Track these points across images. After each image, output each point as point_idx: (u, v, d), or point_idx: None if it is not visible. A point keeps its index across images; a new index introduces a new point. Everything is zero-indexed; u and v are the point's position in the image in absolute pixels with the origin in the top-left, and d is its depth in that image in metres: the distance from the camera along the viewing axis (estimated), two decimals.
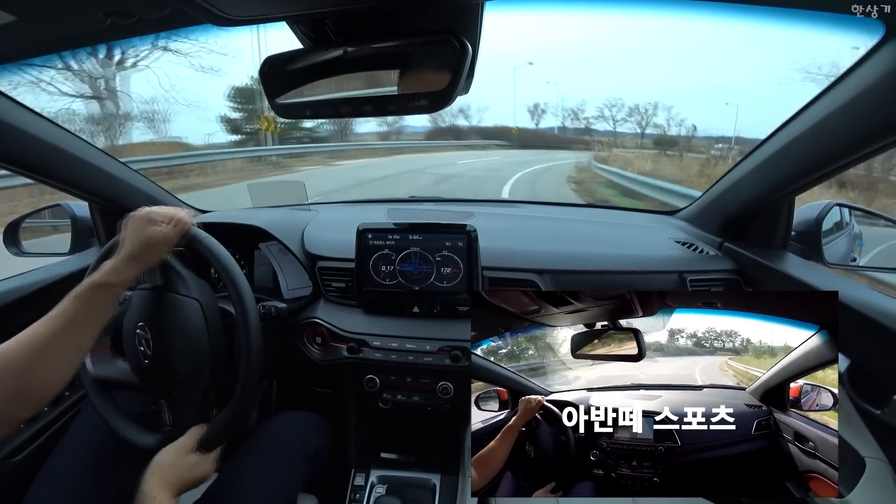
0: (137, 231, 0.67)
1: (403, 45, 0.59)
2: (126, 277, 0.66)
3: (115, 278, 0.65)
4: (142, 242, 0.67)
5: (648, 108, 37.83)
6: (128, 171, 1.14)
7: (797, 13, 0.61)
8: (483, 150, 22.49)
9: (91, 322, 0.64)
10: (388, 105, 0.61)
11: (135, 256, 0.66)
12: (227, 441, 0.74)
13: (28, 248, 1.18)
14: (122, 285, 0.66)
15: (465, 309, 1.01)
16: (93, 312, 0.63)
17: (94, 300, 0.63)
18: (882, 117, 0.63)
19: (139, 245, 0.67)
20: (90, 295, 0.63)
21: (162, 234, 0.69)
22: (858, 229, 1.17)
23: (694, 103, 58.90)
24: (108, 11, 0.56)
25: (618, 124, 38.81)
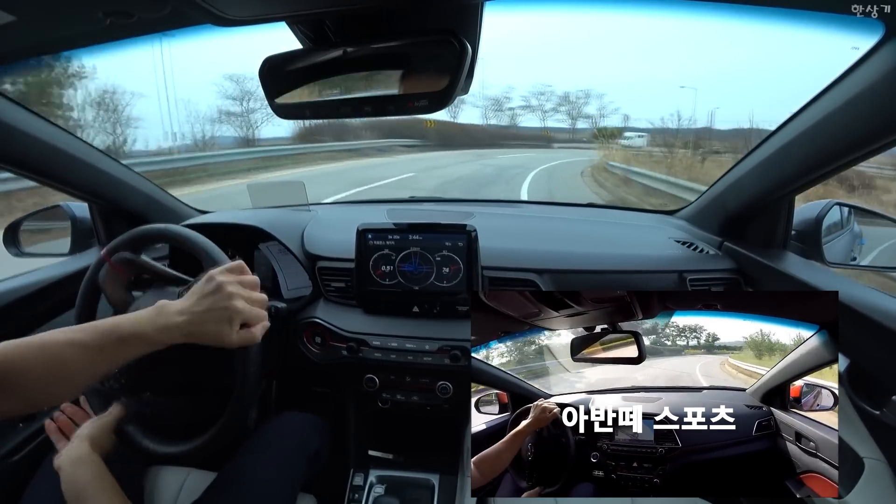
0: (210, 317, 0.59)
1: (403, 46, 0.59)
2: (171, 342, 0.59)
3: (164, 338, 0.58)
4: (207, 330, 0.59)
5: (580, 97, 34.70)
6: (128, 171, 1.14)
7: (797, 13, 0.61)
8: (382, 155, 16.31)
9: (120, 362, 0.57)
10: (387, 105, 0.61)
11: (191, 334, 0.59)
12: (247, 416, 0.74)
13: (28, 249, 1.18)
14: (162, 344, 0.58)
15: (465, 309, 1.01)
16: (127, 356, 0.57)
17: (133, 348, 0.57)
18: (882, 117, 0.63)
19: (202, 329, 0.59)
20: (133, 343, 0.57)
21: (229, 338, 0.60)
22: (858, 228, 1.16)
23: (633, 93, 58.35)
24: (108, 11, 0.56)
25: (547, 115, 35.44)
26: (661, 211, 1.46)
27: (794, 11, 0.60)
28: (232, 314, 0.60)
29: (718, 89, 44.21)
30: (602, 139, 25.79)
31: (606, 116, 33.87)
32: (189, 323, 0.58)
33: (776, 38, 21.36)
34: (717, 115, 30.55)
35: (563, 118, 35.67)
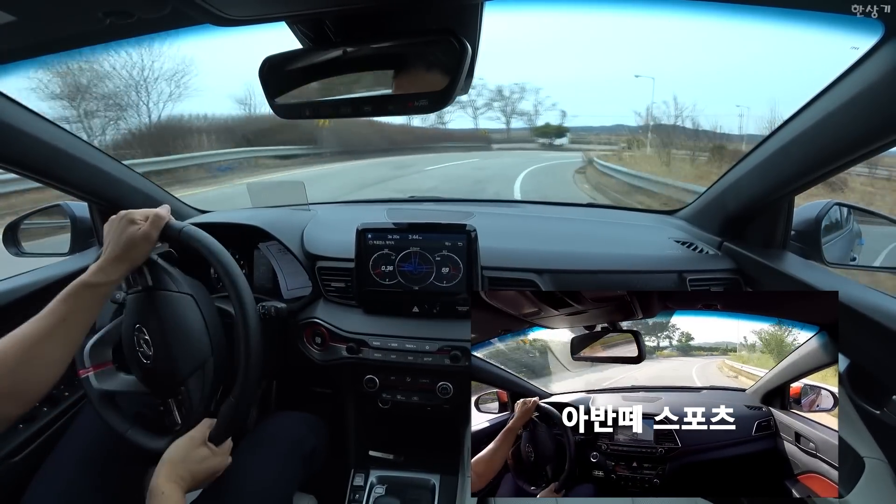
0: (118, 232, 0.70)
1: (403, 46, 0.59)
2: (112, 277, 0.68)
3: (101, 278, 0.67)
4: (123, 242, 0.69)
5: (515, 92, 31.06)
6: (127, 171, 1.14)
7: (797, 13, 0.61)
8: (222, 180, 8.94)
9: (80, 322, 0.65)
10: (387, 105, 0.61)
11: (118, 256, 0.68)
12: (233, 432, 0.74)
13: (28, 249, 1.18)
14: (108, 285, 0.68)
15: (465, 309, 1.01)
16: (81, 312, 0.65)
17: (81, 300, 0.65)
18: (882, 117, 0.63)
19: (121, 245, 0.69)
20: (78, 295, 0.65)
21: (141, 231, 0.70)
22: (858, 228, 1.16)
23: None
24: (108, 11, 0.56)
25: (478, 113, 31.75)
26: (661, 211, 1.46)
27: (794, 11, 0.60)
28: (128, 217, 0.71)
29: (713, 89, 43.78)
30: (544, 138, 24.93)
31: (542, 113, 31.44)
32: (109, 251, 0.69)
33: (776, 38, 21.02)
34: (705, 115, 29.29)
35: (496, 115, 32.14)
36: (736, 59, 28.81)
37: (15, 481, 0.85)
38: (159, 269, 0.77)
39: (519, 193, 8.36)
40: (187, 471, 0.66)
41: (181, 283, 0.77)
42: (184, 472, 0.65)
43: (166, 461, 0.66)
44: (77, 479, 0.79)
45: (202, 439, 0.70)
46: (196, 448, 0.69)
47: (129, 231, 0.70)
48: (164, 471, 0.64)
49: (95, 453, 0.82)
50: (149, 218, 0.72)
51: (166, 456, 0.67)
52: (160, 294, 0.76)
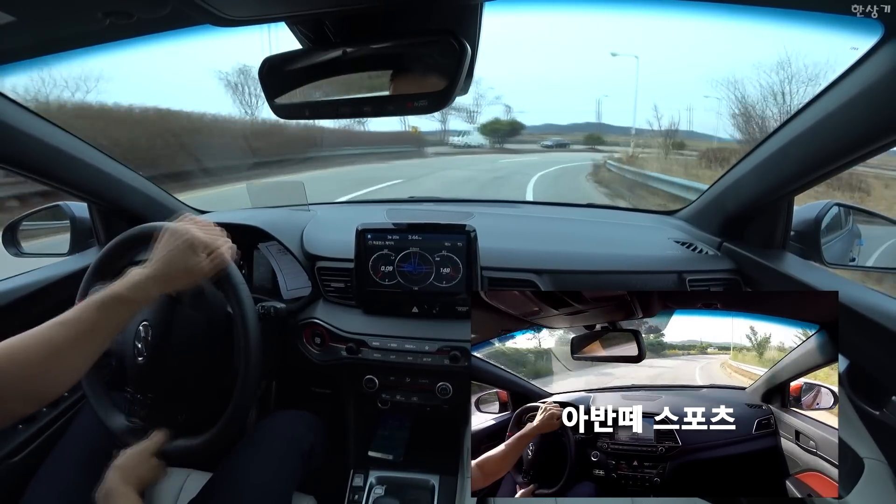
0: (174, 254, 0.65)
1: (402, 46, 0.59)
2: (150, 296, 0.65)
3: (139, 295, 0.63)
4: (176, 268, 0.65)
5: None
6: (127, 171, 1.14)
7: (797, 13, 0.61)
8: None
9: (107, 332, 0.62)
10: (387, 105, 0.61)
11: (164, 279, 0.64)
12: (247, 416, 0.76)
13: (27, 249, 1.18)
14: (143, 301, 0.64)
15: (465, 309, 1.01)
16: (111, 323, 0.62)
17: (114, 312, 0.61)
18: (881, 117, 0.63)
19: (173, 269, 0.65)
20: (112, 307, 0.61)
21: (199, 266, 0.67)
22: (857, 229, 1.16)
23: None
24: (108, 11, 0.56)
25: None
26: (661, 211, 1.47)
27: (794, 11, 0.61)
28: (192, 242, 0.66)
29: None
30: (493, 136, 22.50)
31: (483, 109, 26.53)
32: (157, 270, 0.64)
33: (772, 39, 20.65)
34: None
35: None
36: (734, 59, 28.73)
37: (15, 481, 0.85)
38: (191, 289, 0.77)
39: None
40: (137, 476, 0.69)
41: (201, 304, 0.79)
42: (133, 479, 0.69)
43: (120, 467, 0.69)
44: (77, 479, 0.79)
45: (152, 451, 0.72)
46: (147, 458, 0.72)
47: (186, 259, 0.66)
48: (118, 475, 0.68)
49: (95, 454, 0.82)
50: (212, 254, 0.69)
51: (120, 462, 0.70)
52: (180, 308, 0.77)
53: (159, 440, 0.73)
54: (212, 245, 0.69)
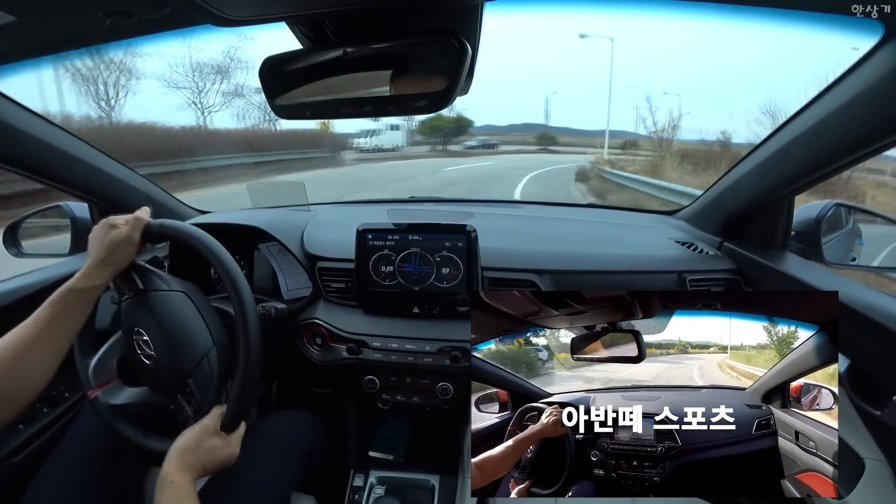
0: (100, 236, 0.71)
1: (403, 46, 0.59)
2: (97, 282, 0.69)
3: (85, 283, 0.67)
4: (105, 246, 0.70)
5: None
6: (127, 171, 1.14)
7: (797, 14, 0.61)
8: None
9: (66, 327, 0.66)
10: (387, 105, 0.61)
11: (102, 260, 0.69)
12: (244, 418, 0.74)
13: (28, 249, 1.18)
14: (93, 289, 0.69)
15: (465, 309, 1.01)
16: (67, 318, 0.66)
17: (67, 305, 0.66)
18: (882, 117, 0.63)
19: (104, 249, 0.70)
20: (63, 300, 0.66)
21: (123, 234, 0.71)
22: (858, 229, 1.16)
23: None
24: (108, 11, 0.56)
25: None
26: (661, 211, 1.46)
27: (794, 11, 0.61)
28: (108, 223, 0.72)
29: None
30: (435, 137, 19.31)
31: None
32: (92, 256, 0.70)
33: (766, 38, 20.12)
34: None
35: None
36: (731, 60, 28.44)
37: (15, 481, 0.85)
38: (147, 272, 0.77)
39: None
40: (198, 459, 0.64)
41: (172, 283, 0.78)
42: (194, 461, 0.63)
43: (177, 450, 0.63)
44: (77, 479, 0.79)
45: (214, 428, 0.68)
46: (208, 437, 0.67)
47: (110, 235, 0.71)
48: (174, 459, 0.62)
49: (95, 453, 0.82)
50: (129, 221, 0.73)
51: (177, 445, 0.64)
52: (152, 295, 0.76)
53: (218, 415, 0.70)
54: (127, 217, 0.74)
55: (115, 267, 0.71)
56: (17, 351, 0.61)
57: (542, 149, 22.28)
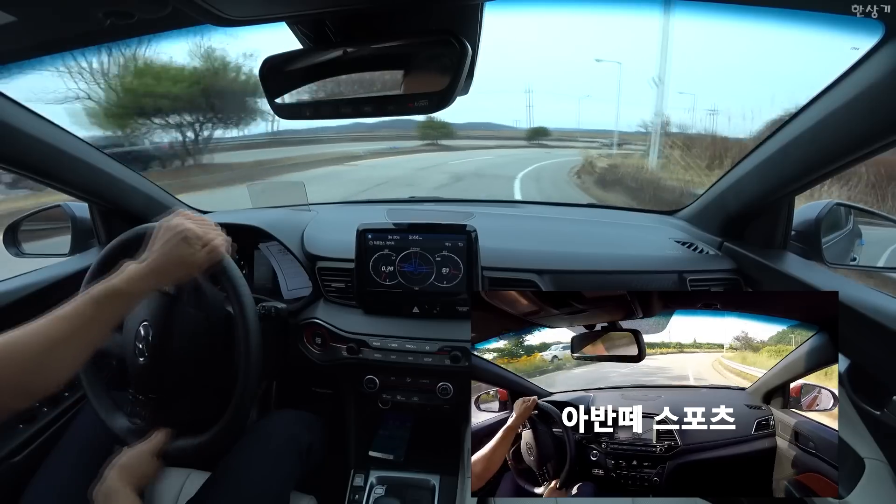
0: (170, 247, 0.66)
1: (403, 46, 0.59)
2: (146, 289, 0.65)
3: (135, 287, 0.63)
4: (171, 261, 0.66)
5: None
6: (128, 171, 1.14)
7: (797, 13, 0.61)
8: None
9: (103, 325, 0.62)
10: (387, 105, 0.61)
11: (160, 272, 0.65)
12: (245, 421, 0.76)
13: (28, 249, 1.18)
14: (140, 294, 0.65)
15: (465, 309, 1.01)
16: (107, 317, 0.62)
17: (109, 305, 0.62)
18: (882, 117, 0.63)
19: (168, 262, 0.65)
20: (107, 300, 0.61)
21: (194, 258, 0.67)
22: (858, 229, 1.16)
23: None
24: (108, 11, 0.56)
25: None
26: (661, 211, 1.46)
27: (794, 11, 0.61)
28: (186, 235, 0.67)
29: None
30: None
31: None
32: (152, 263, 0.65)
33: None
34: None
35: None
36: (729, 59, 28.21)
37: (15, 481, 0.85)
38: (189, 284, 0.78)
39: None
40: (136, 476, 0.69)
41: (201, 302, 0.78)
42: (132, 478, 0.69)
43: (119, 466, 0.69)
44: (77, 479, 0.79)
45: (153, 451, 0.72)
46: (148, 459, 0.72)
47: (181, 252, 0.66)
48: (117, 474, 0.67)
49: (95, 453, 0.82)
50: (207, 246, 0.69)
51: (120, 462, 0.69)
52: (179, 306, 0.77)
53: (160, 440, 0.73)
54: (206, 238, 0.70)
55: (170, 281, 0.69)
56: (51, 343, 0.57)
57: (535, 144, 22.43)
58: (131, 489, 0.67)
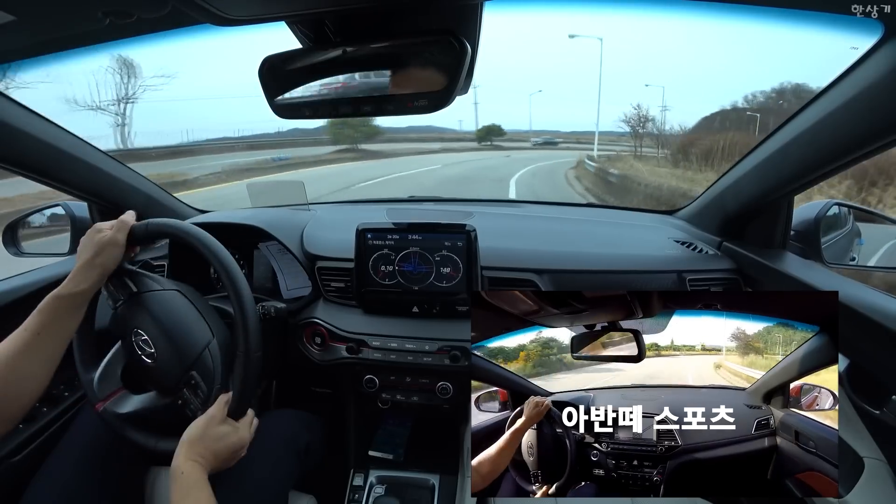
0: (86, 242, 0.71)
1: (403, 45, 0.59)
2: (83, 286, 0.68)
3: (71, 287, 0.68)
4: (91, 249, 0.70)
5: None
6: (127, 171, 1.14)
7: (797, 13, 0.61)
8: None
9: (55, 334, 0.66)
10: (387, 105, 0.61)
11: (87, 263, 0.70)
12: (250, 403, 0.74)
13: (27, 249, 1.18)
14: (80, 294, 0.68)
15: (465, 309, 1.01)
16: (56, 324, 0.66)
17: (55, 312, 0.66)
18: (881, 117, 0.63)
19: (89, 252, 0.70)
20: (51, 307, 0.66)
21: (106, 237, 0.71)
22: (857, 228, 1.16)
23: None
24: (108, 11, 0.56)
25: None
26: (661, 211, 1.47)
27: (794, 11, 0.61)
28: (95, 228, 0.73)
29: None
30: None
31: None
32: (78, 262, 0.70)
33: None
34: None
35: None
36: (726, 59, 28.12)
37: (15, 481, 0.85)
38: (138, 275, 0.79)
39: None
40: (207, 449, 0.64)
41: (164, 283, 0.79)
42: (203, 451, 0.63)
43: (185, 441, 0.64)
44: (77, 479, 0.79)
45: (220, 416, 0.68)
46: (215, 426, 0.66)
47: (95, 239, 0.71)
48: (182, 451, 0.63)
49: (95, 453, 0.82)
50: (114, 225, 0.74)
51: (185, 436, 0.65)
52: (146, 296, 0.77)
53: (225, 402, 0.70)
54: (112, 222, 0.74)
55: (102, 270, 0.71)
56: (8, 360, 0.61)
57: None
58: (197, 466, 0.62)
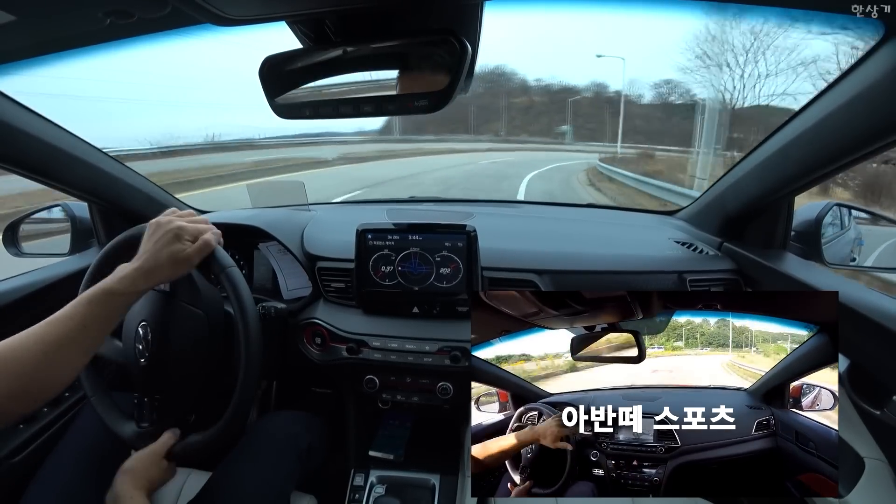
0: (161, 245, 0.66)
1: (403, 45, 0.59)
2: (139, 288, 0.65)
3: (128, 287, 0.63)
4: (163, 258, 0.65)
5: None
6: (127, 171, 1.14)
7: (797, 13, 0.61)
8: None
9: (100, 328, 0.62)
10: (387, 105, 0.61)
11: (152, 270, 0.65)
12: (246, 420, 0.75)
13: (27, 249, 1.18)
14: (135, 294, 0.65)
15: (465, 309, 1.01)
16: (102, 319, 0.62)
17: (104, 306, 0.62)
18: (882, 117, 0.63)
19: (159, 260, 0.65)
20: (102, 301, 0.61)
21: (185, 254, 0.67)
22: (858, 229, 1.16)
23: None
24: (108, 11, 0.56)
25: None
26: (661, 211, 1.47)
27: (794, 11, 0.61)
28: (176, 231, 0.67)
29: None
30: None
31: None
32: (144, 262, 0.65)
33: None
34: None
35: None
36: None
37: (15, 481, 0.85)
38: (184, 281, 0.77)
39: None
40: (147, 479, 0.69)
41: (198, 298, 0.77)
42: (144, 482, 0.69)
43: (128, 470, 0.69)
44: (77, 479, 0.79)
45: (162, 453, 0.72)
46: (157, 461, 0.72)
47: (172, 248, 0.66)
48: (128, 479, 0.68)
49: (95, 454, 0.82)
50: (197, 241, 0.69)
51: (129, 465, 0.70)
52: (175, 303, 0.77)
53: (168, 442, 0.73)
54: (195, 232, 0.70)
55: (164, 279, 0.68)
56: (47, 347, 0.57)
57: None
58: (141, 493, 0.67)
